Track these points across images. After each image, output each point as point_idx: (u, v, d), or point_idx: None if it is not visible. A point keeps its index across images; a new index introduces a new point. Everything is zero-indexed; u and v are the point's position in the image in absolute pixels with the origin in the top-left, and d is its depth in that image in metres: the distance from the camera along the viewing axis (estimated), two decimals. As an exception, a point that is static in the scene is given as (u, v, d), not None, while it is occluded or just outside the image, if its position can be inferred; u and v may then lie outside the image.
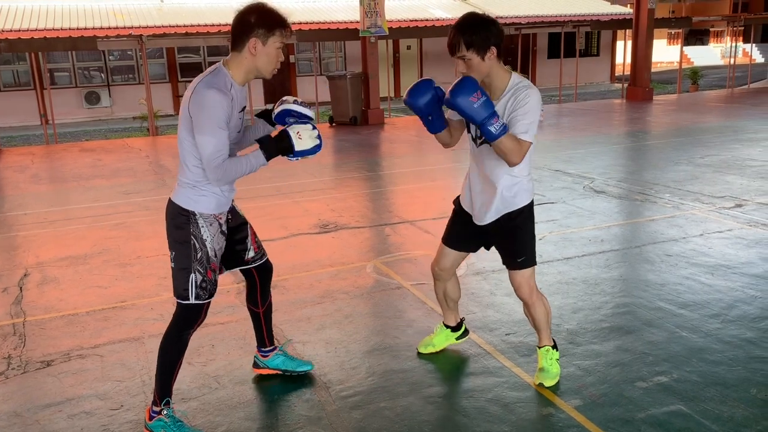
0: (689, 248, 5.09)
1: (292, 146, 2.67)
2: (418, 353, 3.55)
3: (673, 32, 35.92)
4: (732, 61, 20.74)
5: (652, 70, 18.20)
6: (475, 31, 2.75)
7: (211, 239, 2.74)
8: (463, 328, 3.59)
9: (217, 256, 2.80)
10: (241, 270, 3.09)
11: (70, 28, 17.68)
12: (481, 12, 2.92)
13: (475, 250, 3.32)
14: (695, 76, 21.18)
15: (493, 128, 2.71)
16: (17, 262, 5.52)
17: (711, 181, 7.38)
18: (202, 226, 2.72)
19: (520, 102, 2.81)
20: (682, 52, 21.27)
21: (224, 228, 2.83)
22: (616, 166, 8.98)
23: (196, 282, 2.73)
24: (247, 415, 3.04)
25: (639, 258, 4.97)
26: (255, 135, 2.91)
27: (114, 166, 10.36)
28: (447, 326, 3.55)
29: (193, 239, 2.71)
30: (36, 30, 17.14)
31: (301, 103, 2.80)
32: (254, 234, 3.07)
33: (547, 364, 3.18)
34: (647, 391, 3.07)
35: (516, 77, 2.90)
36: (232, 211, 2.94)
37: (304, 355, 3.55)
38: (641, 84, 17.19)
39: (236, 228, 2.96)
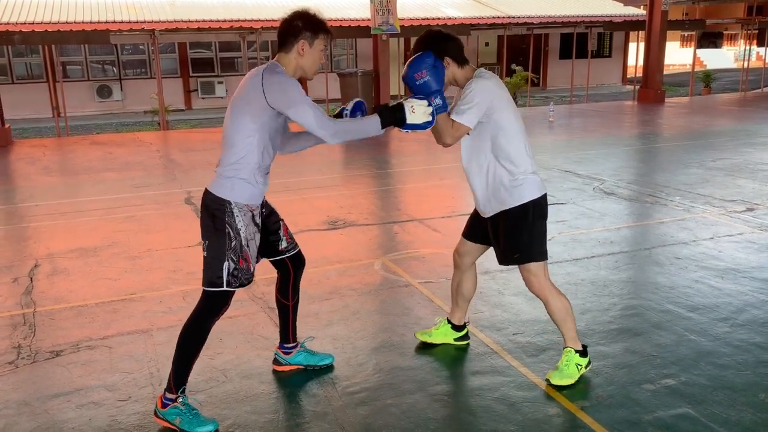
0: (699, 251, 5.06)
1: (404, 118, 2.81)
2: (415, 335, 3.66)
3: (686, 34, 35.70)
4: (745, 65, 20.60)
5: (665, 72, 18.06)
6: (429, 44, 3.00)
7: (245, 229, 2.84)
8: (465, 331, 3.61)
9: (250, 246, 2.88)
10: (274, 262, 3.19)
11: (83, 22, 17.73)
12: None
13: (487, 244, 3.33)
14: (708, 79, 21.02)
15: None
16: (28, 253, 5.57)
17: (722, 185, 7.34)
18: (237, 216, 2.82)
19: (465, 89, 3.01)
20: (695, 54, 21.16)
21: (258, 220, 2.92)
22: (626, 167, 8.95)
23: (229, 270, 2.83)
24: (253, 408, 3.05)
25: (648, 260, 4.96)
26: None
27: (124, 160, 10.41)
28: (450, 322, 3.59)
29: (228, 228, 2.82)
30: (50, 23, 17.19)
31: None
32: (286, 226, 3.18)
33: (563, 364, 3.16)
34: (655, 393, 3.06)
35: (477, 72, 3.07)
36: (266, 205, 3.06)
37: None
38: (653, 86, 17.11)
39: (269, 220, 3.07)
